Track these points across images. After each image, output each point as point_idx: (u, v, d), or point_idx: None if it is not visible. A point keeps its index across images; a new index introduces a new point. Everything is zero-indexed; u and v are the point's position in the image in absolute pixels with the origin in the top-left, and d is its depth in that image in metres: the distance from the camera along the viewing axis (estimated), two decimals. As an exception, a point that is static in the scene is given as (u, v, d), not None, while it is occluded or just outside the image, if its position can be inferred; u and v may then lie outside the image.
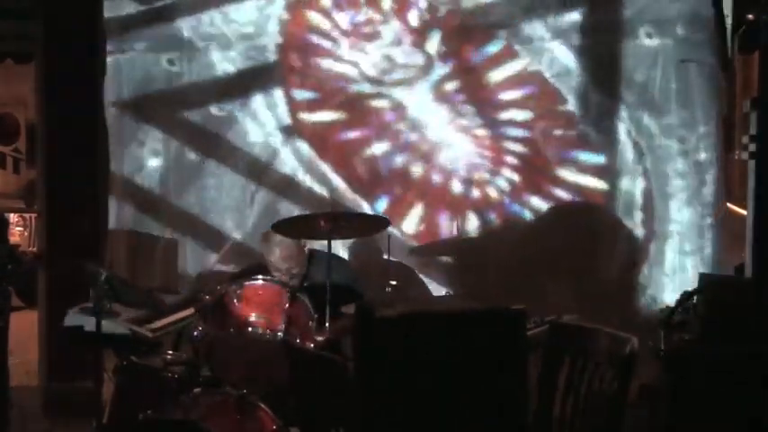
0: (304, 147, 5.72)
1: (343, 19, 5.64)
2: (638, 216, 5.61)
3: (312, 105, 5.71)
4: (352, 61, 5.66)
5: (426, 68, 5.64)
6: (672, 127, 5.58)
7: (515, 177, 5.65)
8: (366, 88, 5.67)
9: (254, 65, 5.75)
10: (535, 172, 5.66)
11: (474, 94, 5.66)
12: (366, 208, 5.64)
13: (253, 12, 5.69)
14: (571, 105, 5.62)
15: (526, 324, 3.27)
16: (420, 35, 5.64)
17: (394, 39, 5.64)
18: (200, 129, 5.78)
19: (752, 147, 4.99)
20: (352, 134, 5.74)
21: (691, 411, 4.01)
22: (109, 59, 5.70)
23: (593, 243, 5.57)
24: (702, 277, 4.76)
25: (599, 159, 5.65)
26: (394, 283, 4.50)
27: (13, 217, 9.63)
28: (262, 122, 5.76)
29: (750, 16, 5.05)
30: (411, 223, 5.70)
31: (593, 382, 3.14)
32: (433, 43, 5.65)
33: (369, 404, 3.06)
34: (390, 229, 4.92)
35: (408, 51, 5.63)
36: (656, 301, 5.43)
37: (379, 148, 5.70)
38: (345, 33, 5.64)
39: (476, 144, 5.64)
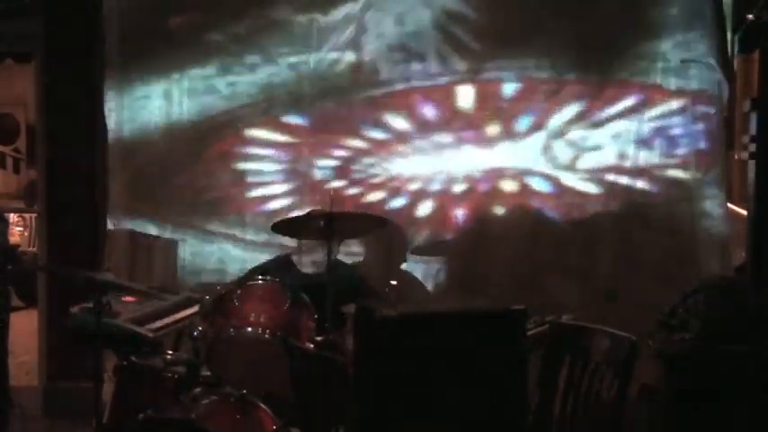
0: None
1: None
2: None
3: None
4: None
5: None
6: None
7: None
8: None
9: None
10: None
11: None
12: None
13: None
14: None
15: (526, 324, 3.28)
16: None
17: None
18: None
19: (752, 147, 4.99)
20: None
21: (691, 411, 4.01)
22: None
23: (594, 242, 5.55)
24: (702, 277, 4.76)
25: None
26: (394, 282, 4.50)
27: (13, 217, 9.64)
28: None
29: (750, 16, 5.04)
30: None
31: (593, 382, 3.15)
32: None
33: (368, 404, 3.06)
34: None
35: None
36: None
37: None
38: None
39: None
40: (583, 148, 5.54)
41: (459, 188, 5.60)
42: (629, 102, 5.49)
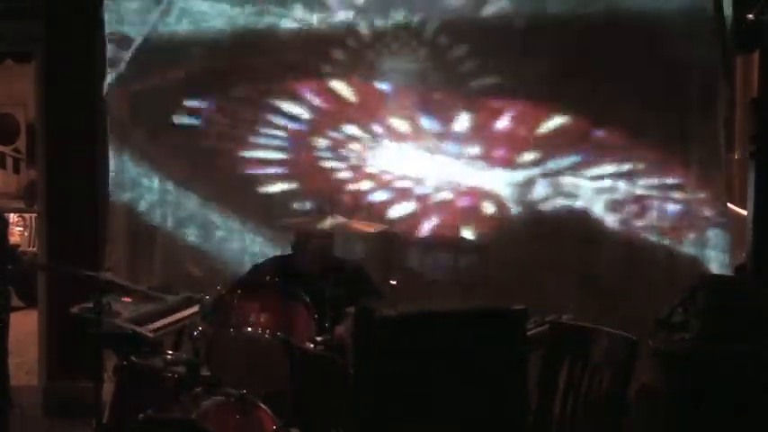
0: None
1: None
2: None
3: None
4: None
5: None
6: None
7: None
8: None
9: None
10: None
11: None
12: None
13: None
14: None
15: (526, 324, 3.28)
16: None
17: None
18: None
19: (752, 147, 4.99)
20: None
21: (691, 411, 4.01)
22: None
23: (594, 242, 5.55)
24: (702, 277, 4.76)
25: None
26: (393, 282, 4.50)
27: (13, 217, 9.64)
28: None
29: (750, 16, 5.05)
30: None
31: (593, 382, 3.15)
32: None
33: (368, 404, 3.06)
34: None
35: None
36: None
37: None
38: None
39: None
40: (565, 194, 5.56)
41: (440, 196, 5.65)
42: (648, 168, 5.48)
